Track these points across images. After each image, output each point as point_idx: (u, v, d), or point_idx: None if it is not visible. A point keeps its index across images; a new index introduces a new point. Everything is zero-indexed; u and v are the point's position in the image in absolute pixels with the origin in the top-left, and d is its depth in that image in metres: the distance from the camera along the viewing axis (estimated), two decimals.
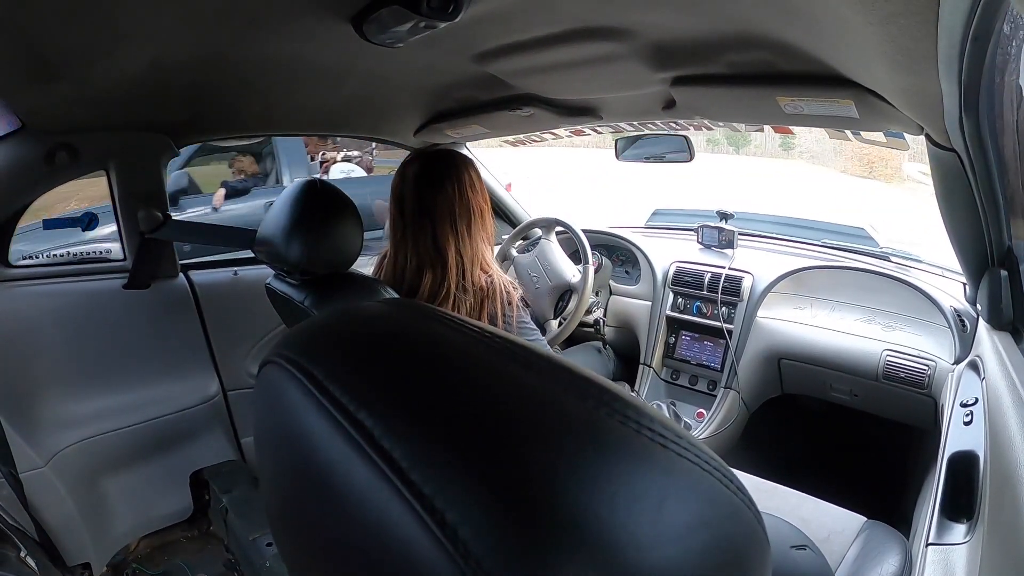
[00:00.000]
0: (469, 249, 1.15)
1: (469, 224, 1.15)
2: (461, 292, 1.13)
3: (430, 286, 1.14)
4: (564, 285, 1.83)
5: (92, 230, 1.55)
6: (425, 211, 1.15)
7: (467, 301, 1.13)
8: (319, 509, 0.25)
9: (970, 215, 0.93)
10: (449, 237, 1.13)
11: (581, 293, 1.76)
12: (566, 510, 0.19)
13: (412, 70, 1.30)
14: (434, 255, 1.14)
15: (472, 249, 1.15)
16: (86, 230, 1.54)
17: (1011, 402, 0.77)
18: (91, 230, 1.55)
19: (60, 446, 1.40)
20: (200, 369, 1.65)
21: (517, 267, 1.94)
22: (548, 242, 1.93)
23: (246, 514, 1.46)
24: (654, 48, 1.05)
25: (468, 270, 1.14)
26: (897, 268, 1.68)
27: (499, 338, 0.26)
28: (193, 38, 0.99)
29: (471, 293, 1.13)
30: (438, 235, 1.14)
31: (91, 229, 1.54)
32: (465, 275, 1.13)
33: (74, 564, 1.41)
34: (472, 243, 1.15)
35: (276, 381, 0.27)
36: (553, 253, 1.90)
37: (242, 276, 1.72)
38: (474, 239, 1.16)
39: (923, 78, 0.69)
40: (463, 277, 1.13)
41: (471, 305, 1.13)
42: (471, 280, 1.13)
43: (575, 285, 1.81)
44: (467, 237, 1.15)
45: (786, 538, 1.06)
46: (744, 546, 0.22)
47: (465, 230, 1.14)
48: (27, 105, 1.16)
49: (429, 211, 1.14)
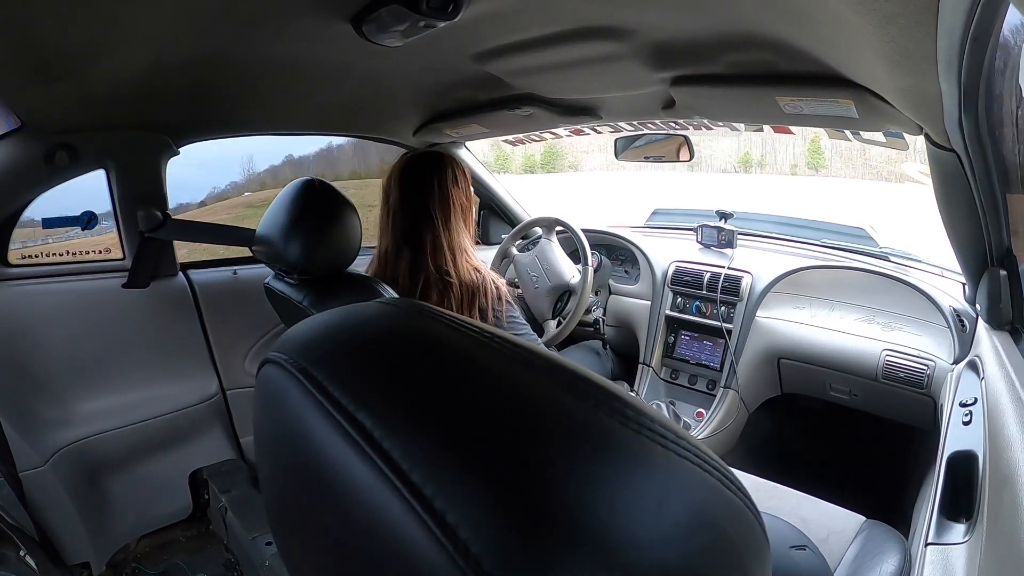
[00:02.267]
0: (448, 237, 1.19)
1: (448, 215, 1.20)
2: (440, 279, 1.16)
3: (407, 268, 1.19)
4: (563, 286, 1.83)
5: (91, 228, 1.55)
6: (406, 200, 1.20)
7: (453, 294, 1.15)
8: (319, 509, 0.25)
9: (969, 215, 0.93)
10: (427, 224, 1.19)
11: (580, 294, 1.77)
12: (566, 510, 0.19)
13: (412, 70, 1.30)
14: (412, 237, 1.19)
15: (450, 238, 1.19)
16: (86, 229, 1.54)
17: (1010, 402, 0.77)
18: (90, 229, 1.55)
19: (60, 445, 1.40)
20: (199, 368, 1.65)
21: (517, 266, 1.94)
22: (548, 242, 1.93)
23: (245, 513, 1.46)
24: (654, 48, 1.05)
25: (446, 257, 1.18)
26: (896, 268, 1.68)
27: (499, 338, 0.26)
28: (193, 38, 0.99)
29: (456, 285, 1.16)
30: (417, 219, 1.19)
31: (91, 228, 1.54)
32: (443, 261, 1.17)
33: (73, 563, 1.41)
34: (450, 233, 1.20)
35: (275, 381, 0.27)
36: (553, 253, 1.90)
37: (242, 275, 1.72)
38: (453, 230, 1.20)
39: (923, 78, 0.69)
40: (443, 263, 1.17)
41: (458, 298, 1.16)
42: (453, 269, 1.17)
43: (574, 286, 1.81)
44: (444, 226, 1.19)
45: (785, 538, 1.06)
46: (744, 546, 0.22)
47: (444, 221, 1.19)
48: (27, 104, 1.16)
49: (410, 200, 1.20)
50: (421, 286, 1.18)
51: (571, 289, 1.82)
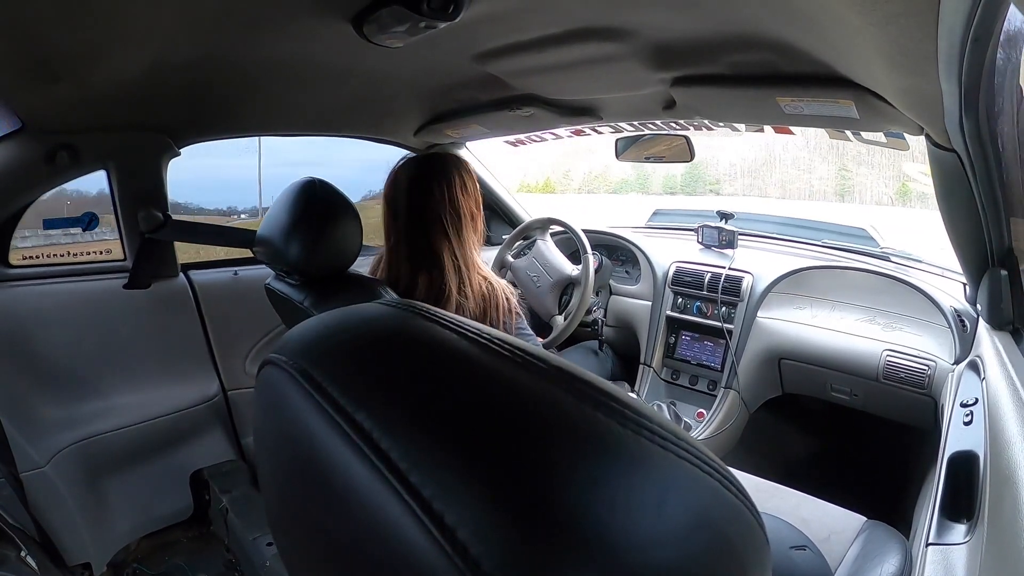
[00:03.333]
0: (463, 252, 1.14)
1: (460, 228, 1.14)
2: (463, 298, 1.12)
3: (426, 290, 1.13)
4: (565, 279, 1.83)
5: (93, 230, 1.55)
6: (417, 215, 1.14)
7: (469, 307, 1.12)
8: (319, 510, 0.25)
9: (970, 215, 0.93)
10: (443, 241, 1.13)
11: (584, 284, 1.76)
12: (565, 512, 0.19)
13: (412, 70, 1.30)
14: (430, 259, 1.14)
15: (465, 253, 1.15)
16: (86, 230, 1.54)
17: (1011, 402, 0.77)
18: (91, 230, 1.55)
19: (60, 446, 1.40)
20: (200, 369, 1.66)
21: (516, 272, 1.93)
22: (543, 241, 1.93)
23: (246, 514, 1.46)
24: (654, 48, 1.05)
25: (465, 274, 1.13)
26: (897, 268, 1.68)
27: (498, 340, 0.26)
28: (193, 39, 0.99)
29: (471, 299, 1.12)
30: (432, 239, 1.13)
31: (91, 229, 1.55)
32: (463, 279, 1.13)
33: (74, 564, 1.41)
34: (464, 247, 1.15)
35: (276, 382, 0.27)
36: (549, 250, 1.90)
37: (242, 276, 1.72)
38: (466, 243, 1.15)
39: (923, 79, 0.69)
40: (462, 281, 1.12)
41: (473, 311, 1.12)
42: (470, 285, 1.13)
43: (576, 277, 1.81)
44: (460, 240, 1.14)
45: (785, 538, 1.06)
46: (744, 547, 0.22)
47: (457, 233, 1.14)
48: (28, 105, 1.16)
49: (421, 215, 1.14)
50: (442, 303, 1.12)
51: (573, 281, 1.82)
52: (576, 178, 27.24)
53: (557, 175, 26.18)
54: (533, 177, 25.24)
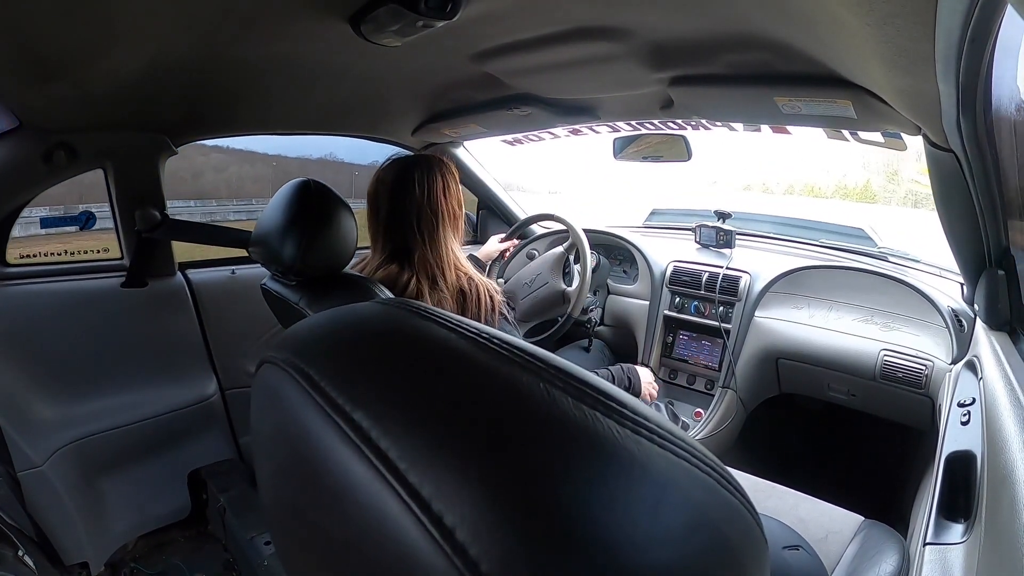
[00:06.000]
0: (438, 251, 1.15)
1: (436, 227, 1.15)
2: (440, 293, 1.13)
3: (402, 286, 1.15)
4: (560, 255, 1.80)
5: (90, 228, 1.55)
6: (396, 215, 1.15)
7: (447, 299, 1.13)
8: (316, 509, 0.25)
9: (967, 216, 0.93)
10: (416, 239, 1.14)
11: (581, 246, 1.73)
12: (563, 511, 0.19)
13: (410, 70, 1.30)
14: (402, 255, 1.15)
15: (442, 250, 1.15)
16: (83, 229, 1.54)
17: (1008, 402, 0.77)
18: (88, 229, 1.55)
19: (58, 445, 1.40)
20: (198, 368, 1.65)
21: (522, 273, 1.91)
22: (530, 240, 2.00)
23: (244, 513, 1.46)
24: (652, 48, 1.05)
25: (439, 272, 1.14)
26: (895, 268, 1.69)
27: (496, 339, 0.26)
28: (191, 38, 0.99)
29: (448, 292, 1.13)
30: (407, 236, 1.15)
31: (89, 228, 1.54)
32: (436, 277, 1.14)
33: (72, 563, 1.41)
34: (439, 246, 1.15)
35: (273, 381, 0.27)
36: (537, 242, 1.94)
37: (240, 275, 1.71)
38: (442, 242, 1.15)
39: (921, 79, 0.70)
40: (436, 279, 1.13)
41: (451, 306, 1.13)
42: (446, 282, 1.13)
43: (569, 246, 1.79)
44: (434, 240, 1.15)
45: (779, 539, 1.06)
46: (741, 546, 0.22)
47: (431, 232, 1.14)
48: (25, 104, 1.16)
49: (400, 215, 1.15)
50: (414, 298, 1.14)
51: (567, 251, 1.80)
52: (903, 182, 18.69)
53: (881, 178, 19.02)
54: (852, 179, 20.61)
